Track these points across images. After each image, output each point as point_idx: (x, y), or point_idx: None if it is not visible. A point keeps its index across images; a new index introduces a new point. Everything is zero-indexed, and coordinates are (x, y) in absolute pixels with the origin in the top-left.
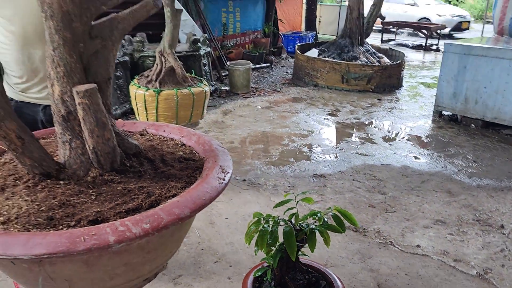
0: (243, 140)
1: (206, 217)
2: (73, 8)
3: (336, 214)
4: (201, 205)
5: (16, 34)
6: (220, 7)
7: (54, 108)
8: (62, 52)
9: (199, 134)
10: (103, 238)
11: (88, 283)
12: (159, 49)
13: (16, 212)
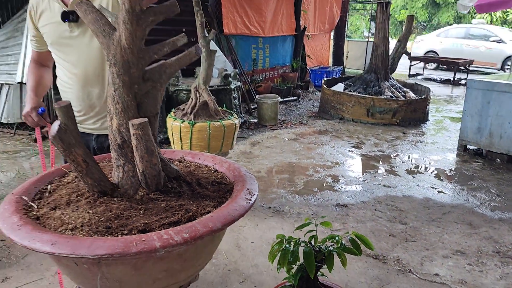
0: (269, 170)
1: (233, 240)
2: (131, 57)
3: (353, 238)
4: (231, 220)
5: (78, 75)
6: (251, 44)
7: (111, 138)
8: (121, 92)
9: (230, 162)
10: (151, 244)
11: (134, 284)
12: (194, 85)
13: (81, 222)
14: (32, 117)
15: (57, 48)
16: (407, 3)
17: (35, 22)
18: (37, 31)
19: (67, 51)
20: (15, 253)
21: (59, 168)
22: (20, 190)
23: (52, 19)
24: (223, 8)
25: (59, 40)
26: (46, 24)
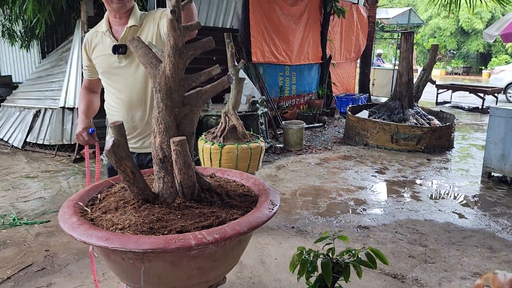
0: (294, 192)
1: (257, 257)
2: (174, 85)
3: (369, 252)
4: (255, 225)
5: (124, 100)
6: (278, 71)
7: (154, 153)
8: (164, 115)
9: (255, 178)
10: (187, 242)
11: (171, 279)
12: (224, 110)
13: (128, 223)
14: (83, 136)
15: (107, 76)
16: (436, 32)
17: (89, 54)
18: (90, 62)
19: (115, 79)
20: (58, 262)
21: (107, 180)
22: (76, 197)
23: (104, 52)
24: (252, 38)
25: (109, 70)
26: (98, 56)
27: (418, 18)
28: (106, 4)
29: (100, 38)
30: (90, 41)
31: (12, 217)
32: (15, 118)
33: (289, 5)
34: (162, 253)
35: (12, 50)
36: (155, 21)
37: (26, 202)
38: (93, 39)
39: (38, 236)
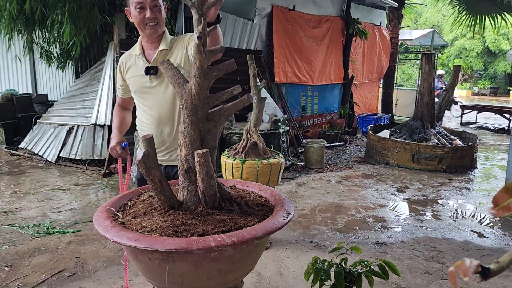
0: (313, 208)
1: (276, 268)
2: (199, 103)
3: (382, 264)
4: (270, 231)
5: (154, 117)
6: (300, 91)
7: (180, 164)
8: (189, 129)
9: (272, 189)
10: (208, 243)
11: (192, 280)
12: (246, 127)
13: (155, 226)
14: (116, 150)
15: (139, 95)
16: (461, 52)
17: (123, 75)
18: (124, 82)
19: (146, 98)
20: (88, 268)
21: (137, 189)
22: (109, 204)
23: (137, 73)
24: (275, 59)
25: (141, 89)
26: (132, 76)
27: (442, 39)
28: (140, 30)
29: (133, 61)
30: (124, 63)
31: (46, 226)
32: (49, 134)
33: (311, 28)
34: (185, 254)
35: (48, 70)
36: (183, 45)
37: (58, 212)
38: (127, 61)
39: (70, 244)
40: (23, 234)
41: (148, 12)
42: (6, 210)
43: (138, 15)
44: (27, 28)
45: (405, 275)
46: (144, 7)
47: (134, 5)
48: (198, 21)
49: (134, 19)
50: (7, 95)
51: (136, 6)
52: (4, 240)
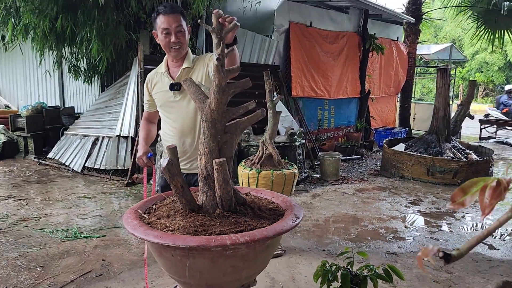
0: (327, 219)
1: (289, 274)
2: (217, 116)
3: (387, 268)
4: (280, 232)
5: (177, 129)
6: (317, 105)
7: (200, 172)
8: (209, 140)
9: (284, 196)
10: (224, 241)
11: (209, 275)
12: (262, 139)
13: (178, 226)
14: (143, 159)
15: (164, 109)
16: (482, 66)
17: (150, 90)
18: (150, 97)
19: (171, 111)
20: (113, 270)
21: (160, 195)
22: (136, 206)
23: (162, 89)
24: (292, 74)
25: (166, 103)
26: (157, 92)
27: (460, 53)
28: (166, 51)
29: (159, 78)
30: (151, 80)
31: (74, 231)
32: (76, 145)
33: (328, 43)
34: (203, 251)
35: (75, 84)
36: (204, 64)
37: (85, 219)
38: (154, 79)
39: (96, 248)
40: (53, 238)
41: (173, 37)
42: (37, 216)
43: (164, 39)
44: (58, 45)
45: (414, 283)
46: (170, 33)
47: (161, 30)
48: (218, 44)
49: (161, 42)
50: (37, 108)
51: (162, 32)
52: (35, 243)
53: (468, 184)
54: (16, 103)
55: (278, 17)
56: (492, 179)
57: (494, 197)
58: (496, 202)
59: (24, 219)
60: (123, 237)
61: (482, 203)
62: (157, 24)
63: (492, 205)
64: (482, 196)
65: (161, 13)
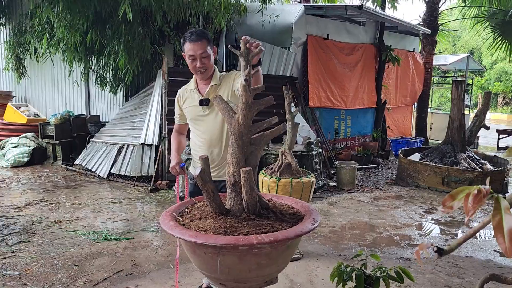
0: (343, 226)
1: (307, 276)
2: (244, 130)
3: (398, 270)
4: (300, 234)
5: (206, 140)
6: (334, 115)
7: (228, 179)
8: (236, 151)
9: (303, 202)
10: (251, 240)
11: (237, 271)
12: (281, 149)
13: (209, 227)
14: (176, 169)
15: (194, 122)
16: (501, 76)
17: (181, 105)
18: (181, 111)
19: (200, 124)
20: (142, 270)
21: (191, 200)
22: (170, 210)
23: (192, 104)
24: (309, 85)
25: (196, 117)
26: (188, 107)
27: (477, 64)
28: (193, 73)
29: (189, 94)
30: (181, 95)
31: (104, 233)
32: (102, 152)
33: (345, 55)
34: (232, 249)
35: (101, 93)
36: (230, 81)
37: (113, 222)
38: (184, 94)
39: (125, 249)
40: (85, 239)
41: (198, 62)
42: (69, 219)
43: (191, 64)
44: (86, 57)
45: (426, 287)
46: (195, 59)
47: (187, 56)
48: (245, 67)
49: (188, 65)
50: (65, 116)
51: (189, 57)
52: (69, 244)
53: (456, 191)
54: (44, 111)
55: (296, 30)
56: (474, 187)
57: (475, 202)
58: (478, 207)
59: (57, 221)
60: (149, 240)
61: (466, 207)
62: (184, 49)
63: (474, 209)
64: (466, 202)
65: (188, 41)
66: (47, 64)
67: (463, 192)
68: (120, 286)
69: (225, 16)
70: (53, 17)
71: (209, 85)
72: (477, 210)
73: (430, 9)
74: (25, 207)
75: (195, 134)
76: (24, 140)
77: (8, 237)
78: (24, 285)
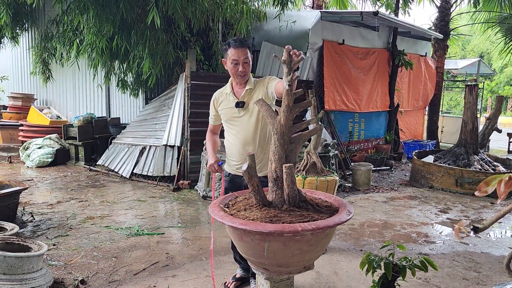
0: (362, 224)
1: (332, 269)
2: (285, 130)
3: (423, 260)
4: (338, 223)
5: (240, 139)
6: (348, 118)
7: (270, 175)
8: (278, 149)
9: (335, 196)
10: (295, 228)
11: (281, 256)
12: (307, 149)
13: (256, 217)
14: (214, 167)
15: (229, 122)
16: (511, 80)
17: (216, 107)
18: (216, 112)
19: (235, 124)
20: (176, 261)
21: (233, 194)
22: (217, 202)
23: (227, 106)
24: (325, 89)
25: (231, 118)
26: (223, 108)
27: (488, 68)
28: (232, 77)
29: (225, 97)
30: (217, 98)
31: (136, 229)
32: (124, 153)
33: (359, 59)
34: (278, 236)
35: (121, 96)
36: (264, 85)
37: (142, 219)
38: (220, 97)
39: (158, 243)
40: (119, 234)
41: (240, 67)
42: (100, 215)
43: (233, 68)
44: (111, 61)
45: (445, 280)
46: (238, 63)
47: (231, 60)
48: (288, 73)
49: (229, 70)
50: (87, 118)
51: (232, 62)
52: (105, 238)
53: (489, 179)
54: (65, 113)
55: (312, 35)
56: (506, 175)
57: (507, 187)
58: (508, 190)
59: (90, 217)
60: (179, 235)
61: (499, 191)
62: (228, 55)
63: (506, 192)
64: (499, 186)
65: (232, 47)
66: (69, 68)
67: (495, 179)
68: (159, 276)
69: (246, 22)
70: (82, 23)
71: (245, 89)
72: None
73: (442, 14)
74: (57, 205)
75: (230, 133)
76: (48, 141)
77: (47, 231)
78: (70, 274)
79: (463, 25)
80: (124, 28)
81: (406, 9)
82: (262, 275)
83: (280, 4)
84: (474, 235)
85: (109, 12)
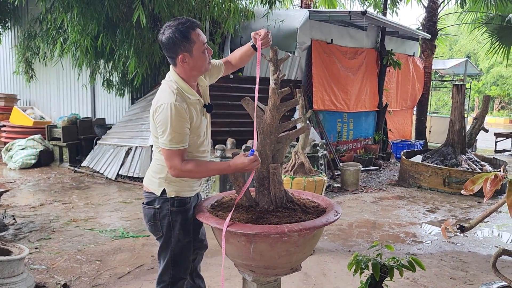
0: (350, 224)
1: (320, 270)
2: (272, 129)
3: (410, 260)
4: (325, 223)
5: (207, 148)
6: (336, 118)
7: (256, 175)
8: (264, 149)
9: (323, 196)
10: (281, 229)
11: (268, 257)
12: (295, 149)
13: (242, 218)
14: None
15: (199, 135)
16: (498, 80)
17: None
18: (188, 129)
19: (202, 134)
20: None
21: (218, 194)
22: (202, 203)
23: (198, 116)
24: (313, 88)
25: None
26: (196, 121)
27: (475, 68)
28: (196, 73)
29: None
30: (186, 110)
31: (121, 231)
32: (109, 154)
33: (348, 59)
34: (264, 237)
35: (106, 96)
36: None
37: (127, 221)
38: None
39: (144, 246)
40: (103, 236)
41: (208, 52)
42: (84, 218)
43: (203, 56)
44: (96, 61)
45: (433, 279)
46: (207, 47)
47: (201, 44)
48: (274, 71)
49: (199, 62)
50: (72, 119)
51: (202, 48)
52: (89, 241)
53: (475, 177)
54: (49, 113)
55: (301, 35)
56: (492, 173)
57: (492, 185)
58: (494, 189)
59: (73, 220)
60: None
61: (485, 189)
62: (192, 41)
63: (492, 191)
64: (485, 185)
65: (197, 26)
66: (52, 67)
67: (482, 177)
68: (144, 279)
69: (234, 21)
70: (66, 21)
71: (200, 86)
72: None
73: (429, 14)
74: (40, 207)
75: (197, 147)
76: (31, 142)
77: (29, 234)
78: (52, 278)
79: (451, 25)
80: (109, 26)
81: (394, 9)
82: (248, 277)
83: (268, 3)
84: (461, 234)
85: (94, 10)
